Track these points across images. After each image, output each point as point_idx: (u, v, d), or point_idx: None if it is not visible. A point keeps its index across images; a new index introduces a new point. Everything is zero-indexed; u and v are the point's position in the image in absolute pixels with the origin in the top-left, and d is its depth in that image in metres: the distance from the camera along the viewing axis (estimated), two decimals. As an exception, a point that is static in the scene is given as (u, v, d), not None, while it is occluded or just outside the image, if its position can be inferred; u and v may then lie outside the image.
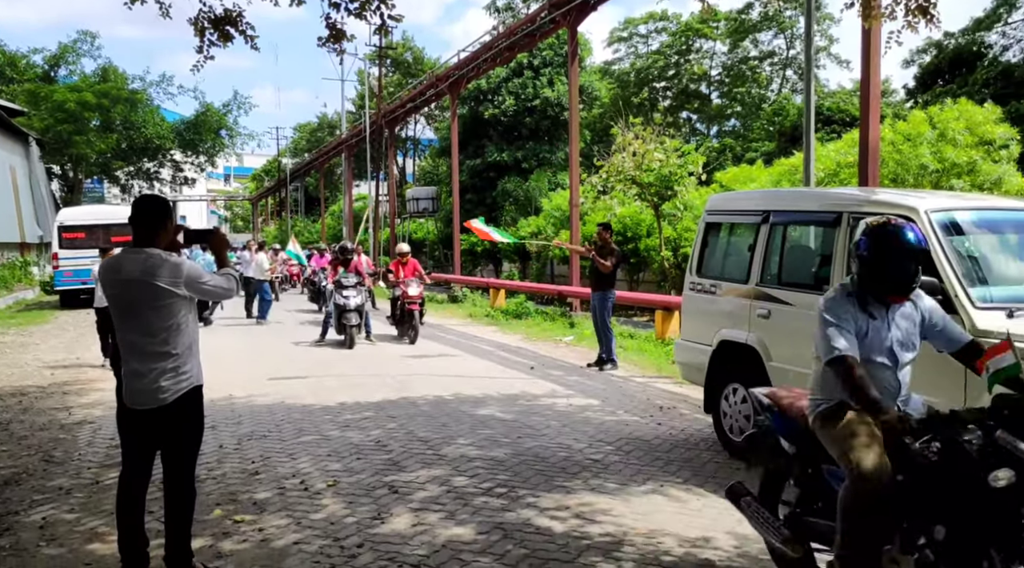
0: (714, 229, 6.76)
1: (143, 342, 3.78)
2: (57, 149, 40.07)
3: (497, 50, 21.18)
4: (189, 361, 3.88)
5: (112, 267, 3.87)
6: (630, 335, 13.35)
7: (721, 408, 6.33)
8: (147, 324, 3.77)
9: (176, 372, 3.81)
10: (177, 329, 3.82)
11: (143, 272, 3.73)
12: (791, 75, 45.95)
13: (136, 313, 3.77)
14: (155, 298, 3.74)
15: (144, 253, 3.79)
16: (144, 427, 3.85)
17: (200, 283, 3.86)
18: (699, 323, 6.66)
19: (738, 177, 18.16)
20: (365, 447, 6.46)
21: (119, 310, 3.84)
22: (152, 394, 3.77)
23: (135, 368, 3.78)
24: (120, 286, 3.80)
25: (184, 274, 3.79)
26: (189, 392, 3.87)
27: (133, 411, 3.84)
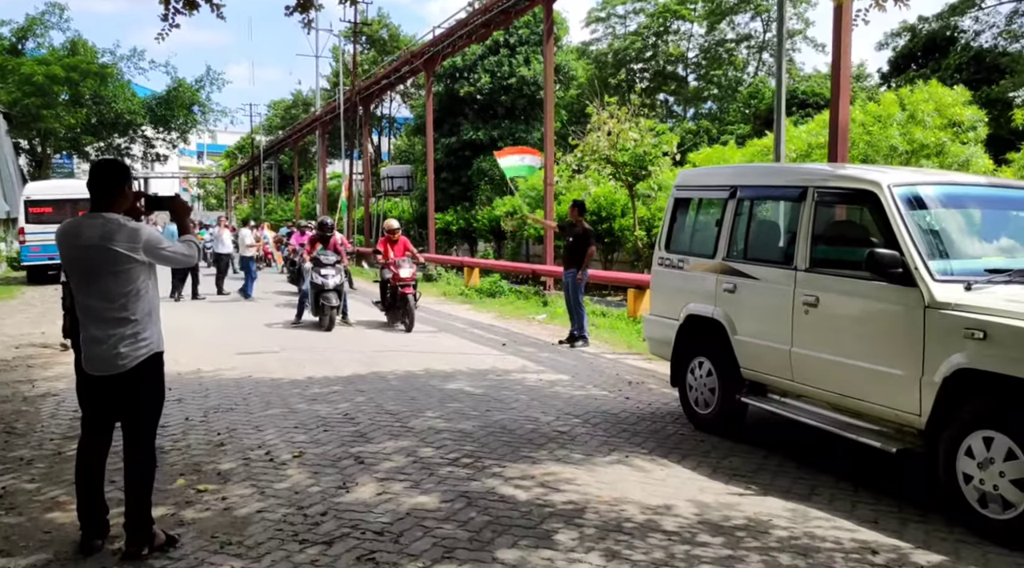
0: (683, 205, 6.78)
1: (101, 307, 3.74)
2: (25, 123, 39.21)
3: (472, 27, 20.99)
4: (148, 327, 3.84)
5: (70, 232, 3.81)
6: (602, 313, 13.42)
7: (687, 381, 6.38)
8: (106, 289, 3.73)
9: (135, 338, 3.77)
10: (136, 295, 3.78)
11: (101, 237, 3.70)
12: (767, 58, 46.13)
13: (94, 278, 3.73)
14: (114, 263, 3.71)
15: (102, 218, 3.75)
16: (103, 394, 3.83)
17: (159, 249, 3.83)
18: (667, 298, 6.70)
19: (711, 158, 18.25)
20: (332, 420, 6.44)
21: (77, 275, 3.79)
22: (111, 361, 3.74)
23: (93, 334, 3.74)
24: (78, 251, 3.75)
25: (143, 239, 3.76)
26: (149, 359, 3.83)
27: (92, 378, 3.81)
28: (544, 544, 3.95)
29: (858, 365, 4.87)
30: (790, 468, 5.28)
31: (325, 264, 12.06)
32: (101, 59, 42.09)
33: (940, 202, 5.19)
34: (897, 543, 4.03)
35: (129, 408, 3.87)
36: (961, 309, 4.32)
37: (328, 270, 11.95)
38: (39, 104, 37.44)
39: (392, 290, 11.99)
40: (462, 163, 32.34)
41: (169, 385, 7.69)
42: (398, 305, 11.93)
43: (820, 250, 5.32)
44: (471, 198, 31.52)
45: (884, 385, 4.73)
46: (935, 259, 4.65)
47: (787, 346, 5.37)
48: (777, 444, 5.82)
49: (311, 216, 40.44)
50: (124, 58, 43.83)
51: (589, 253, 10.64)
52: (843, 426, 5.05)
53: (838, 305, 5.09)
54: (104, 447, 3.94)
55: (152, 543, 3.83)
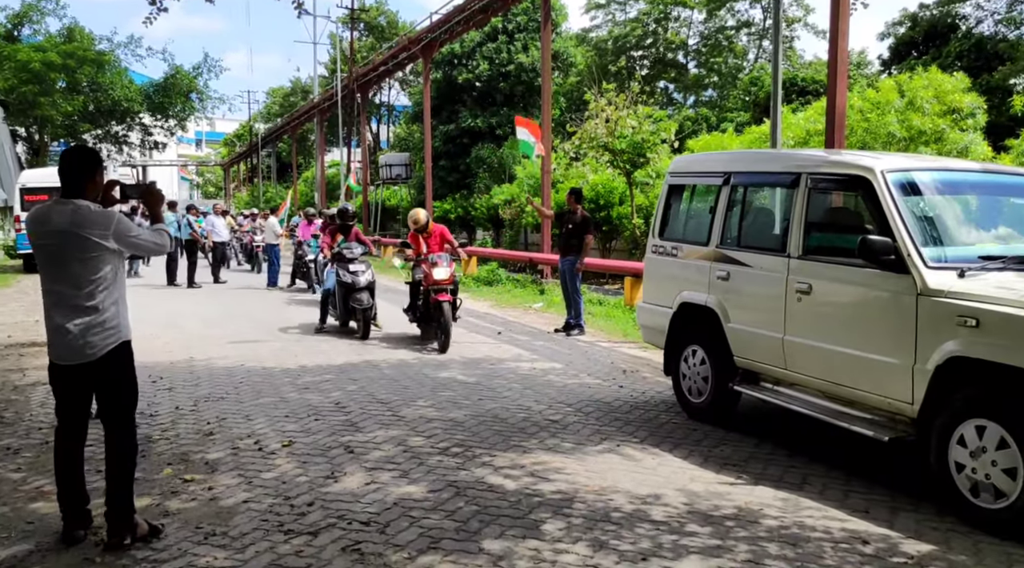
0: (677, 191, 6.72)
1: (69, 295, 3.71)
2: (22, 110, 38.99)
3: (470, 12, 20.84)
4: (116, 316, 3.81)
5: (40, 218, 3.78)
6: (599, 302, 13.37)
7: (680, 370, 6.34)
8: (74, 277, 3.70)
9: (103, 327, 3.74)
10: (104, 282, 3.75)
11: (71, 223, 3.67)
12: (767, 46, 45.85)
13: (63, 265, 3.70)
14: (83, 250, 3.68)
15: (73, 204, 3.72)
16: (74, 383, 3.81)
17: (130, 236, 3.80)
18: (660, 286, 6.65)
19: (710, 144, 18.13)
20: (323, 409, 6.41)
21: (46, 262, 3.76)
22: (79, 350, 3.71)
23: (59, 323, 3.71)
24: (47, 237, 3.72)
25: (113, 226, 3.72)
26: (117, 347, 3.81)
27: (61, 367, 3.78)
28: (531, 534, 3.91)
29: (850, 353, 4.83)
30: (782, 457, 5.24)
31: (351, 259, 10.31)
32: (98, 46, 41.81)
33: (934, 188, 5.13)
34: (887, 532, 4.00)
35: (101, 397, 3.86)
36: (954, 296, 4.27)
37: (357, 265, 10.19)
38: (36, 91, 37.23)
39: (424, 295, 9.55)
40: (460, 151, 32.19)
41: (160, 374, 7.80)
42: (432, 315, 9.29)
43: (813, 237, 5.26)
44: (469, 186, 31.39)
45: (876, 373, 4.68)
46: (928, 246, 4.59)
47: (780, 334, 5.32)
48: (769, 433, 5.78)
49: (310, 204, 40.31)
50: (121, 45, 43.54)
51: (587, 241, 10.58)
52: (835, 414, 5.01)
53: (831, 293, 5.04)
54: (80, 436, 3.91)
55: (135, 533, 3.81)
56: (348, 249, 10.43)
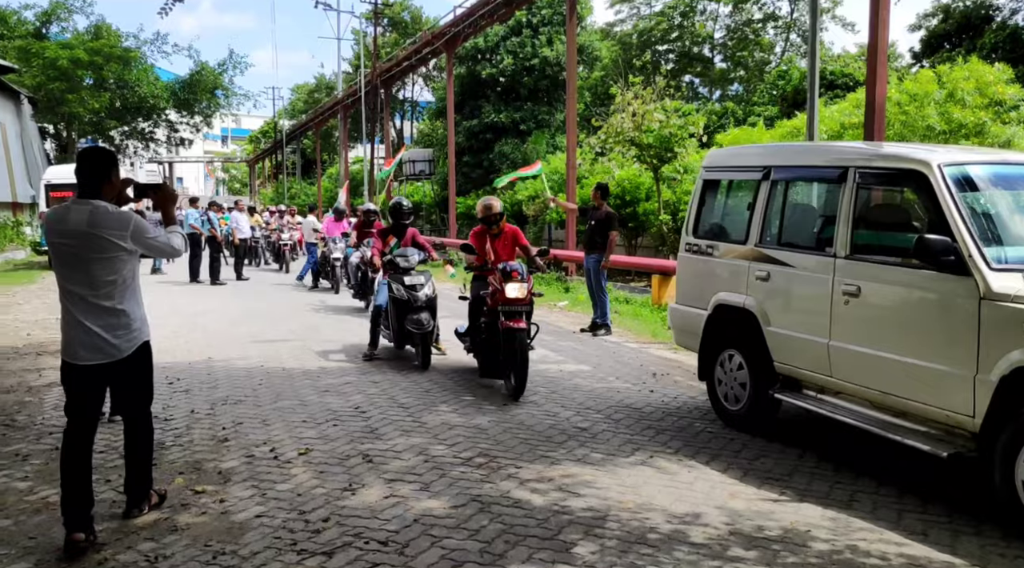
0: (712, 187, 6.39)
1: (86, 295, 3.74)
2: (50, 107, 39.32)
3: (494, 5, 20.53)
4: (136, 316, 3.88)
5: (58, 218, 3.77)
6: (626, 300, 13.05)
7: (716, 375, 6.02)
8: (92, 277, 3.73)
9: (128, 328, 3.82)
10: (123, 283, 3.80)
11: (89, 224, 3.68)
12: (795, 39, 45.14)
13: (81, 265, 3.71)
14: (101, 250, 3.70)
15: (90, 205, 3.73)
16: (91, 382, 3.83)
17: (146, 237, 3.84)
18: (694, 286, 6.33)
19: (739, 139, 17.69)
20: (343, 413, 6.17)
21: (64, 262, 3.76)
22: (103, 349, 3.76)
23: (79, 322, 3.73)
24: (65, 236, 3.72)
25: (130, 227, 3.75)
26: (139, 348, 3.90)
27: (78, 366, 3.78)
28: (561, 558, 3.63)
29: (904, 361, 4.49)
30: (827, 471, 4.91)
31: (408, 269, 8.24)
32: (125, 43, 42.03)
33: (993, 183, 4.78)
34: (951, 560, 3.67)
35: (121, 395, 4.03)
36: (1021, 301, 3.92)
37: (415, 277, 8.12)
38: (63, 88, 37.53)
39: (490, 318, 7.09)
40: (484, 146, 31.93)
41: (177, 375, 7.61)
42: (501, 348, 6.79)
43: (862, 235, 4.92)
44: (493, 182, 31.15)
45: (933, 383, 4.35)
46: (989, 245, 4.24)
47: (825, 339, 4.99)
48: (812, 443, 5.45)
49: (333, 200, 40.27)
50: (147, 42, 43.82)
51: (612, 238, 10.27)
52: (886, 426, 4.67)
53: (882, 295, 4.70)
54: (90, 435, 3.90)
55: (149, 502, 4.12)
56: (404, 257, 8.33)
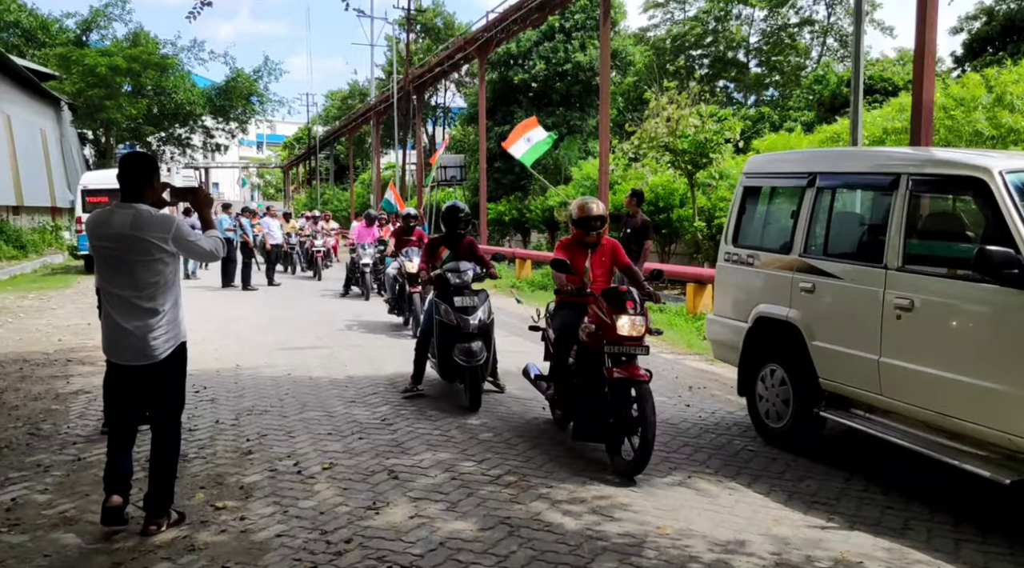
0: (753, 194, 6.14)
1: (131, 297, 3.82)
2: (89, 114, 40.01)
3: (527, 10, 20.38)
4: (176, 318, 3.97)
5: (101, 221, 3.86)
6: (659, 309, 12.74)
7: (757, 390, 5.76)
8: (136, 279, 3.81)
9: (166, 330, 3.89)
10: (165, 285, 3.88)
11: (132, 226, 3.77)
12: (831, 43, 44.46)
13: (124, 268, 3.81)
14: (144, 253, 3.79)
15: (133, 208, 3.83)
16: (131, 383, 3.94)
17: (188, 240, 3.92)
18: (734, 297, 6.08)
19: (776, 144, 17.33)
20: (369, 425, 6.01)
21: (107, 265, 3.86)
22: (141, 351, 3.84)
23: (121, 324, 3.82)
24: (109, 240, 3.82)
25: (172, 230, 3.85)
26: (177, 348, 3.98)
27: (120, 366, 3.92)
28: (595, 588, 3.42)
29: (961, 380, 4.21)
30: (876, 495, 4.64)
31: (460, 285, 6.68)
32: (162, 50, 42.63)
33: (1058, 191, 4.47)
34: (1018, 599, 3.39)
35: (155, 397, 4.02)
36: (1095, 319, 3.63)
37: (466, 298, 6.60)
38: (102, 95, 38.15)
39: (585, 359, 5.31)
40: (516, 152, 31.76)
41: (204, 383, 7.51)
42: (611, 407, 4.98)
43: (915, 246, 4.65)
44: (524, 188, 30.97)
45: (993, 404, 4.06)
46: (1058, 258, 3.95)
47: (875, 355, 4.72)
48: (859, 465, 5.17)
49: (366, 206, 40.38)
50: (184, 49, 44.45)
51: (646, 247, 10.03)
52: (942, 450, 4.39)
53: (937, 310, 4.42)
54: (136, 421, 4.12)
55: (169, 520, 4.02)
56: (456, 272, 6.75)
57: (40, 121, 32.13)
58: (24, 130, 28.66)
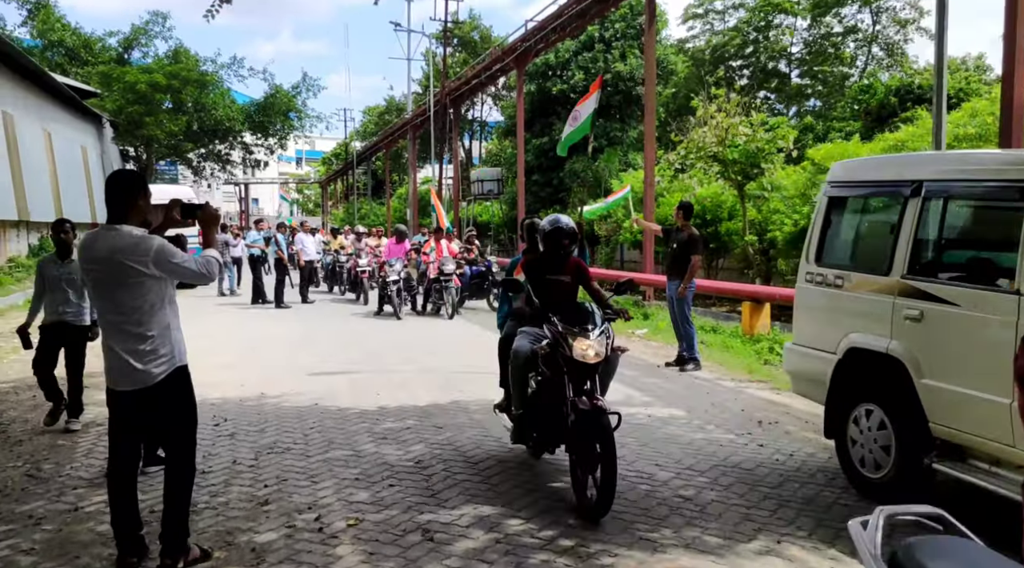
0: (839, 205, 5.36)
1: (119, 321, 3.69)
2: (129, 130, 40.33)
3: (566, 18, 19.75)
4: (166, 343, 3.75)
5: (86, 245, 3.75)
6: (712, 329, 11.94)
7: (848, 433, 4.97)
8: (120, 303, 3.68)
9: (154, 354, 3.70)
10: (151, 309, 3.70)
11: (111, 250, 3.63)
12: (877, 51, 43.20)
13: (109, 292, 3.68)
14: (124, 276, 3.64)
15: (115, 230, 3.68)
16: (129, 409, 3.77)
17: (171, 263, 3.69)
18: (818, 325, 5.30)
19: (832, 154, 16.37)
20: (402, 469, 5.32)
21: (95, 289, 3.79)
22: (132, 376, 3.69)
23: (113, 348, 3.71)
24: (92, 263, 3.70)
25: (152, 252, 3.63)
26: (172, 374, 3.77)
27: (117, 392, 3.76)
28: None
29: None
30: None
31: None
32: (202, 67, 42.89)
33: None
34: None
35: (159, 426, 3.88)
36: None
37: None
38: (142, 111, 38.41)
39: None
40: (553, 164, 31.13)
41: (225, 414, 6.88)
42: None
43: (1055, 268, 3.85)
44: (563, 201, 30.28)
45: None
46: None
47: (1005, 399, 3.91)
48: (981, 526, 4.33)
49: (402, 220, 40.01)
50: (224, 66, 44.70)
51: (693, 263, 9.22)
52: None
53: (1090, 346, 3.60)
54: (134, 462, 3.93)
55: (187, 557, 3.77)
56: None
57: (81, 138, 32.30)
58: (65, 147, 28.77)
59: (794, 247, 14.97)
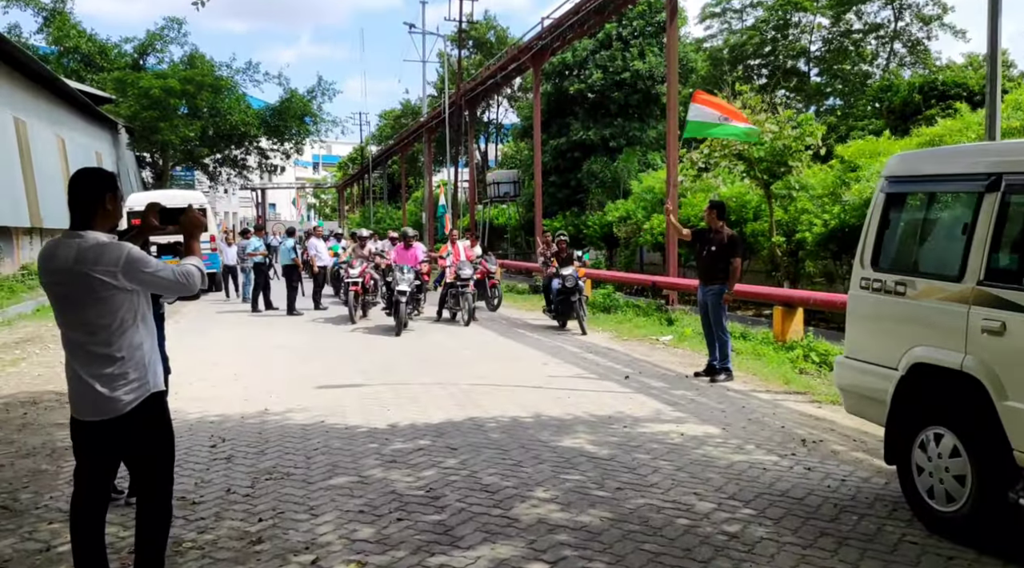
0: (898, 202, 4.79)
1: (84, 342, 3.23)
2: (144, 136, 40.18)
3: (584, 14, 19.21)
4: (138, 366, 3.27)
5: (47, 255, 3.29)
6: (742, 335, 11.34)
7: (913, 459, 4.39)
8: (86, 321, 3.21)
9: (125, 379, 3.23)
10: (120, 328, 3.23)
11: (76, 260, 3.18)
12: (899, 48, 42.36)
13: (73, 308, 3.23)
14: (91, 290, 3.18)
15: (79, 237, 3.23)
16: (95, 442, 3.28)
17: (144, 272, 3.23)
18: (876, 337, 4.73)
19: (863, 151, 15.73)
20: (411, 499, 4.80)
21: (57, 304, 3.29)
22: (99, 404, 3.20)
23: (77, 373, 3.24)
24: (53, 276, 3.25)
25: (122, 261, 3.18)
26: (145, 401, 3.28)
27: (82, 422, 3.28)
28: None
29: None
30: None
31: None
32: (217, 72, 42.68)
33: None
34: None
35: (128, 461, 3.42)
36: None
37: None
38: (156, 117, 38.22)
39: None
40: (571, 165, 30.58)
41: (223, 434, 6.37)
42: None
43: None
44: (581, 202, 29.73)
45: None
46: None
47: (1112, 426, 3.34)
48: (1077, 571, 3.76)
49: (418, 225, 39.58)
50: (239, 71, 44.49)
51: (735, 267, 8.68)
52: None
53: None
54: (101, 503, 3.41)
55: None
56: None
57: (96, 144, 32.14)
58: (79, 153, 28.58)
59: (824, 248, 14.33)
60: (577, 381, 8.72)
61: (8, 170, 20.50)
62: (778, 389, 8.20)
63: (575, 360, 10.15)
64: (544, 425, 6.63)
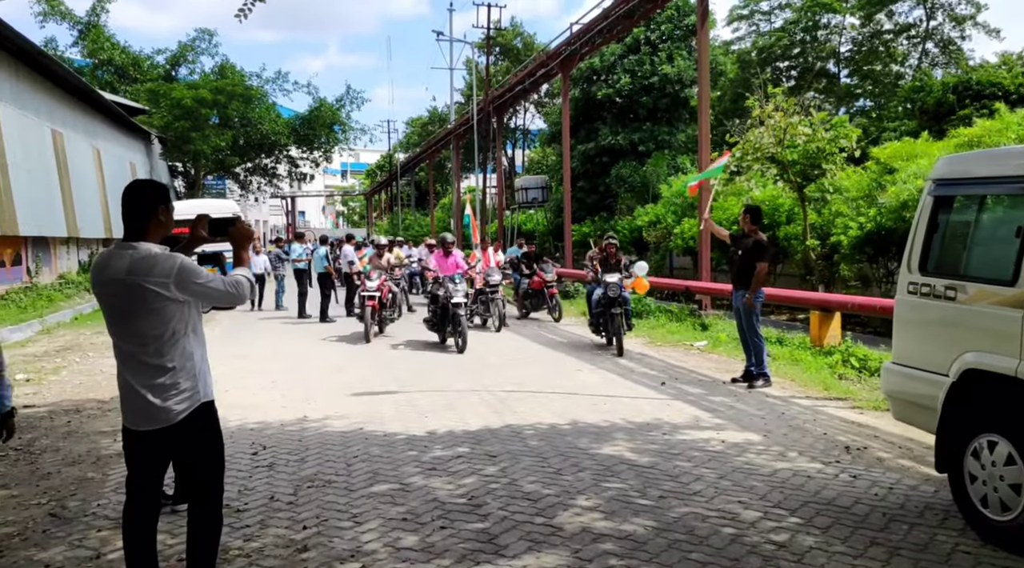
0: (947, 205, 4.70)
1: (136, 352, 3.26)
2: (177, 146, 40.79)
3: (613, 19, 19.15)
4: (190, 376, 3.31)
5: (100, 266, 3.33)
6: (778, 340, 11.21)
7: (966, 467, 4.30)
8: (138, 332, 3.25)
9: (177, 389, 3.27)
10: (173, 338, 3.27)
11: (128, 271, 3.22)
12: (931, 48, 41.71)
13: (126, 319, 3.26)
14: (143, 301, 3.22)
15: (132, 248, 3.27)
16: (147, 451, 3.34)
17: (196, 283, 3.27)
18: (926, 342, 4.64)
19: (899, 153, 15.50)
20: (453, 507, 4.80)
21: (109, 315, 3.33)
22: (152, 414, 3.25)
23: (130, 383, 3.28)
24: (106, 287, 3.28)
25: (175, 272, 3.22)
26: (195, 411, 3.32)
27: (134, 432, 3.33)
28: None
29: None
30: None
31: None
32: (248, 82, 43.24)
33: None
34: None
35: (179, 469, 3.46)
36: None
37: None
38: (188, 127, 38.79)
39: None
40: (599, 170, 30.49)
41: (264, 441, 6.42)
42: None
43: None
44: (610, 207, 29.61)
45: None
46: None
47: None
48: None
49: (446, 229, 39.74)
50: (269, 81, 45.04)
51: (759, 271, 8.54)
52: None
53: None
54: (152, 512, 3.45)
55: None
56: None
57: (130, 154, 32.71)
58: (114, 163, 29.09)
59: (859, 251, 14.14)
60: (612, 387, 8.68)
61: (46, 182, 20.91)
62: (817, 395, 8.08)
63: (609, 366, 10.10)
64: (582, 432, 6.60)
